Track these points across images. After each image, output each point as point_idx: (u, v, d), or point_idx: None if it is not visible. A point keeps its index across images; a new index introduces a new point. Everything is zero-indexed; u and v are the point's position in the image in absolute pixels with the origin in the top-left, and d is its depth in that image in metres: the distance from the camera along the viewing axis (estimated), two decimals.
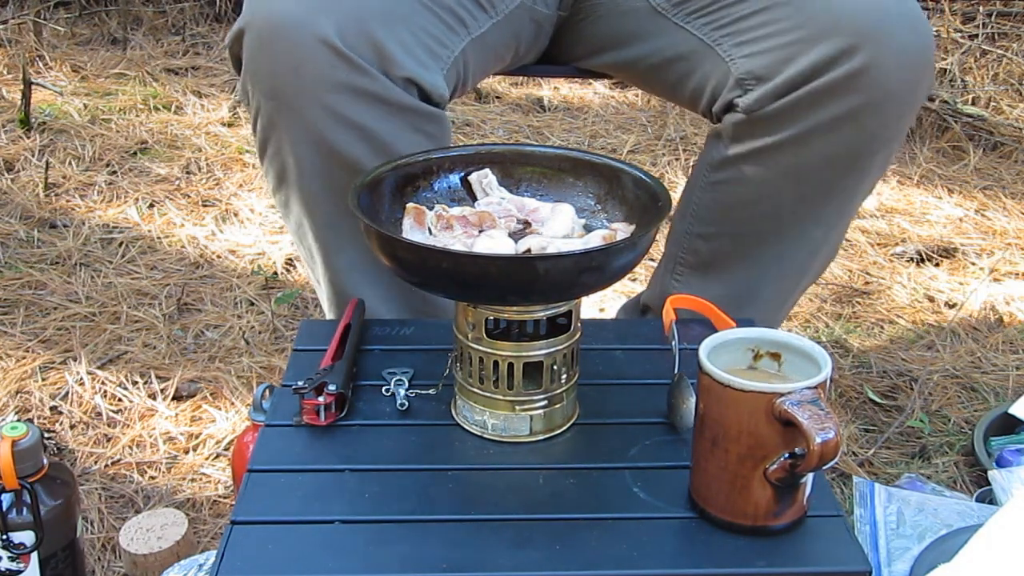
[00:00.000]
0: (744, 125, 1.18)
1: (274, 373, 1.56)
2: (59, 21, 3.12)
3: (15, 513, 1.01)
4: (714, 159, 1.24)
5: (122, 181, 2.20)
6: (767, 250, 1.26)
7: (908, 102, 1.14)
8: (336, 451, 0.90)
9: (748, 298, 1.28)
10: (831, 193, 1.20)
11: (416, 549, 0.78)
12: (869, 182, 1.22)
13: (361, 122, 1.08)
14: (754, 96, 1.15)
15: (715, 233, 1.28)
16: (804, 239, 1.25)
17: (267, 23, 1.06)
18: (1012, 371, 1.64)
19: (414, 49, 1.11)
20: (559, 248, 0.92)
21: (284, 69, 1.06)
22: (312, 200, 1.15)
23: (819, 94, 1.12)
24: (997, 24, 2.99)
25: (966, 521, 1.18)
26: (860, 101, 1.11)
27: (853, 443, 1.45)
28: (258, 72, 1.08)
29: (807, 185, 1.19)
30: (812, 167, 1.17)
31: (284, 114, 1.09)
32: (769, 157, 1.18)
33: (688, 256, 1.31)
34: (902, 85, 1.12)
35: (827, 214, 1.23)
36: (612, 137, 2.60)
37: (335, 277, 1.21)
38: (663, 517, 0.82)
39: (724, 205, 1.25)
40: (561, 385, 0.92)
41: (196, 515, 1.27)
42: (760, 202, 1.22)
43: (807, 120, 1.13)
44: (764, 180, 1.20)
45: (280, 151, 1.13)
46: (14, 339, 1.62)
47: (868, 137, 1.15)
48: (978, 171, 2.44)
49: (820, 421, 0.72)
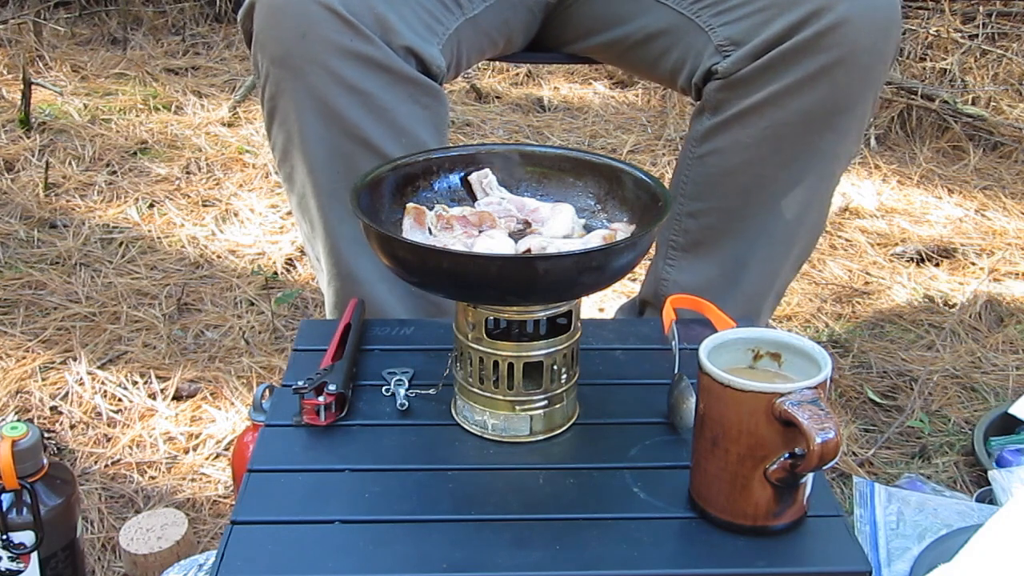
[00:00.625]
0: (723, 91, 1.23)
1: (274, 373, 1.56)
2: (59, 21, 3.12)
3: (15, 513, 1.01)
4: (698, 132, 1.29)
5: (122, 181, 2.20)
6: (753, 222, 1.29)
7: (877, 57, 1.19)
8: (336, 451, 0.90)
9: (739, 273, 1.31)
10: (811, 154, 1.24)
11: (416, 549, 0.78)
12: (847, 144, 1.26)
13: (364, 87, 1.13)
14: (731, 59, 1.21)
15: (703, 209, 1.31)
16: (788, 206, 1.27)
17: None
18: (1012, 371, 1.64)
19: (412, 22, 1.16)
20: (559, 248, 0.92)
21: (291, 35, 1.11)
22: (316, 168, 1.18)
23: (793, 52, 1.17)
24: (997, 24, 2.99)
25: (966, 521, 1.18)
26: (831, 58, 1.16)
27: (853, 443, 1.45)
28: (267, 40, 1.13)
29: (787, 146, 1.23)
30: (790, 127, 1.21)
31: (290, 79, 1.13)
32: (748, 120, 1.23)
33: (678, 237, 1.34)
34: (870, 41, 1.17)
35: (807, 175, 1.25)
36: (612, 137, 2.59)
37: (335, 246, 1.22)
38: (663, 517, 0.82)
39: (710, 177, 1.29)
40: (561, 385, 0.92)
41: (196, 515, 1.27)
42: (743, 170, 1.26)
43: (782, 79, 1.18)
44: (745, 145, 1.24)
45: (286, 119, 1.16)
46: (14, 339, 1.62)
47: (841, 93, 1.19)
48: (978, 171, 2.44)
49: (820, 421, 0.72)
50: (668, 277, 1.35)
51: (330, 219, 1.21)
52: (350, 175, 1.16)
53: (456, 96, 2.80)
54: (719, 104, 1.25)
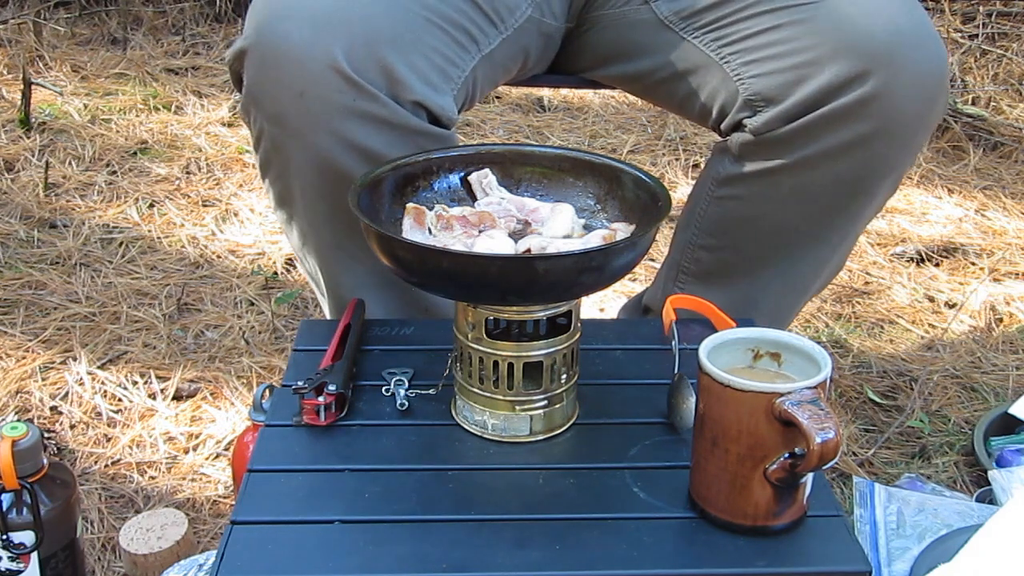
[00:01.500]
0: (752, 146, 1.16)
1: (274, 373, 1.56)
2: (59, 21, 3.12)
3: (15, 513, 1.01)
4: (719, 175, 1.23)
5: (122, 181, 2.20)
6: (770, 266, 1.25)
7: (920, 128, 1.12)
8: (336, 451, 0.90)
9: (748, 310, 1.27)
10: (837, 215, 1.19)
11: (416, 549, 0.78)
12: (876, 205, 1.21)
13: (369, 146, 1.06)
14: (763, 119, 1.13)
15: (718, 245, 1.27)
16: (808, 258, 1.24)
17: (272, 45, 1.03)
18: (1012, 371, 1.64)
19: (425, 72, 1.09)
20: (559, 248, 0.92)
21: (289, 94, 1.03)
22: (318, 222, 1.13)
23: (830, 119, 1.09)
24: (997, 24, 2.99)
25: (966, 521, 1.18)
26: (871, 127, 1.09)
27: (853, 443, 1.45)
28: (262, 96, 1.06)
29: (813, 207, 1.18)
30: (819, 189, 1.15)
31: (289, 140, 1.06)
32: (776, 178, 1.16)
33: (691, 265, 1.30)
34: (915, 111, 1.10)
35: (832, 235, 1.22)
36: (612, 137, 2.59)
37: (341, 294, 1.19)
38: (663, 517, 0.82)
39: (728, 220, 1.24)
40: (561, 385, 0.92)
41: (196, 515, 1.27)
42: (764, 219, 1.21)
43: (817, 144, 1.12)
44: (769, 199, 1.19)
45: (284, 174, 1.11)
46: (14, 339, 1.62)
47: (878, 162, 1.13)
48: (978, 171, 2.44)
49: (820, 421, 0.72)
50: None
51: (334, 268, 1.17)
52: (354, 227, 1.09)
53: None
54: (745, 155, 1.18)
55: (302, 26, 1.03)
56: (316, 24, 1.03)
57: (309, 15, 1.03)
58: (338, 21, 1.04)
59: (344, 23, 1.04)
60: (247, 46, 1.05)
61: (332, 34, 1.03)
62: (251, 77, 1.06)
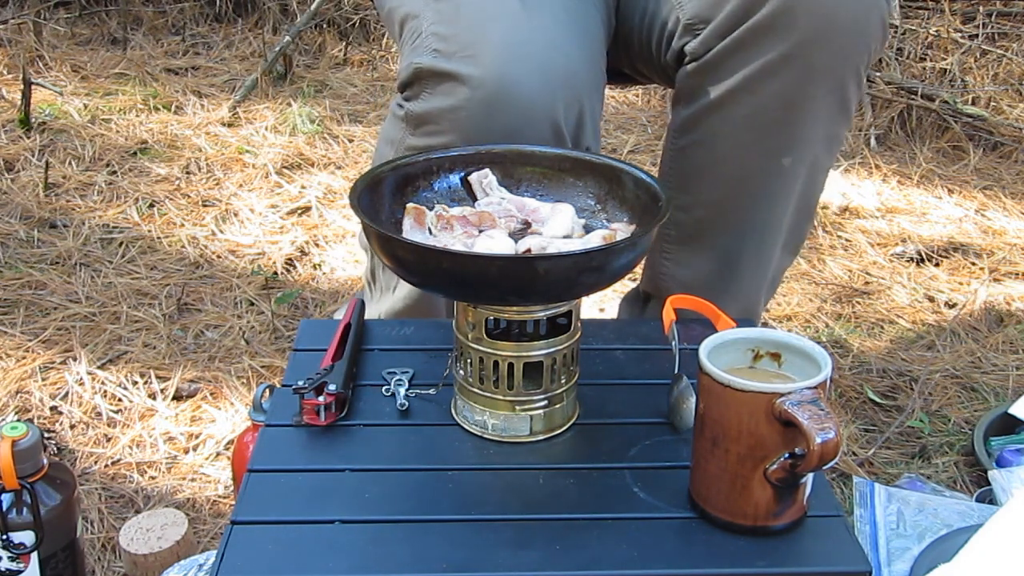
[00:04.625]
0: (695, 76, 1.19)
1: (274, 373, 1.56)
2: (59, 21, 3.11)
3: (15, 513, 1.01)
4: (676, 123, 1.26)
5: (122, 181, 2.20)
6: (740, 214, 1.26)
7: (858, 34, 1.13)
8: (336, 451, 0.90)
9: (733, 265, 1.29)
10: (792, 141, 1.19)
11: (416, 549, 0.78)
12: (832, 127, 1.20)
13: None
14: (700, 39, 1.16)
15: (690, 202, 1.29)
16: (773, 195, 1.25)
17: (500, 86, 1.04)
18: (1012, 371, 1.64)
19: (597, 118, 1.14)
20: (559, 248, 0.92)
21: (499, 137, 1.04)
22: None
23: (761, 29, 1.11)
24: (997, 24, 2.99)
25: (966, 521, 1.18)
26: (804, 35, 1.10)
27: (853, 443, 1.45)
28: (472, 133, 1.06)
29: (766, 134, 1.19)
30: (767, 113, 1.17)
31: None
32: (724, 109, 1.18)
33: (671, 230, 1.32)
34: (850, 15, 1.11)
35: (793, 165, 1.22)
36: (612, 137, 2.59)
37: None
38: (663, 517, 0.82)
39: (693, 169, 1.27)
40: (561, 385, 0.92)
41: (196, 515, 1.27)
42: (724, 160, 1.23)
43: (753, 60, 1.13)
44: (725, 135, 1.20)
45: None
46: (14, 339, 1.62)
47: (820, 74, 1.13)
48: (978, 171, 2.44)
49: (820, 421, 0.72)
50: (666, 271, 1.34)
51: None
52: None
53: None
54: (693, 92, 1.20)
55: (532, 76, 1.05)
56: (545, 76, 1.05)
57: (538, 65, 1.05)
58: (562, 71, 1.06)
59: (565, 75, 1.07)
60: (470, 76, 1.04)
61: (559, 86, 1.06)
62: (471, 112, 1.05)
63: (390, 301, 1.31)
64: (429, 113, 1.10)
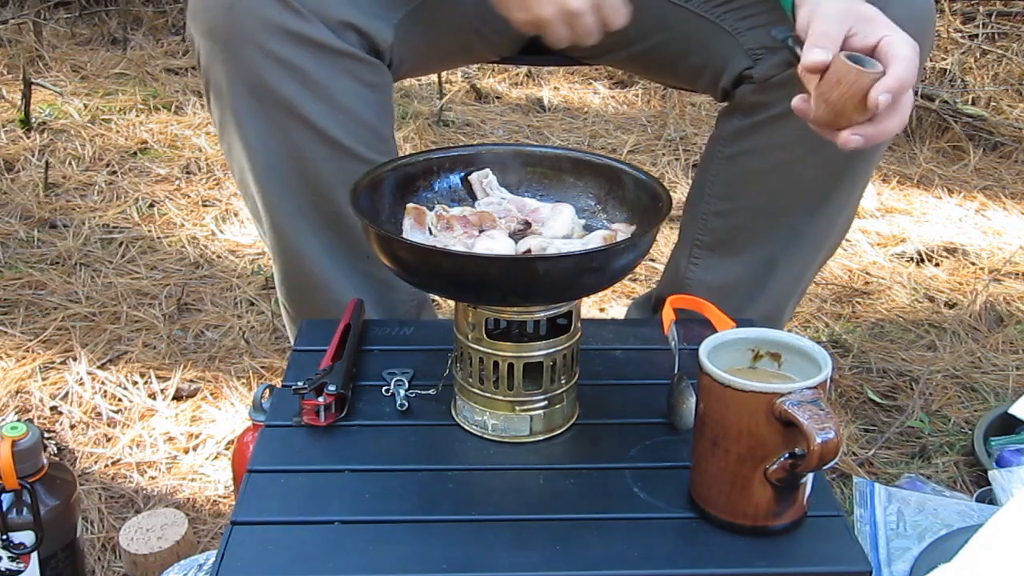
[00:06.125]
0: (758, 94, 1.19)
1: (274, 373, 1.56)
2: (59, 21, 3.12)
3: (15, 513, 1.01)
4: (728, 132, 1.25)
5: (122, 181, 2.20)
6: (785, 222, 1.26)
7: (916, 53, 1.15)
8: (336, 451, 0.90)
9: (768, 273, 1.29)
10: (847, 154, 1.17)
11: (416, 549, 0.78)
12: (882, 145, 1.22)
13: (296, 62, 1.07)
14: (766, 65, 1.16)
15: (732, 209, 1.28)
16: (821, 207, 1.24)
17: None
18: (1012, 371, 1.64)
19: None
20: (559, 249, 0.92)
21: (219, 7, 1.06)
22: (251, 142, 1.14)
23: None
24: (997, 24, 2.99)
25: (966, 521, 1.18)
26: None
27: (853, 443, 1.45)
28: (196, 11, 1.09)
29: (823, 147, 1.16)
30: None
31: (219, 52, 1.08)
32: (782, 122, 1.18)
33: (704, 236, 1.31)
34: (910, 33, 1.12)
35: (842, 178, 1.22)
36: (612, 137, 2.59)
37: (275, 222, 1.18)
38: (663, 517, 0.82)
39: (741, 177, 1.26)
40: (561, 385, 0.91)
41: (196, 515, 1.27)
42: (776, 171, 1.23)
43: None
44: (781, 147, 1.20)
45: (220, 93, 1.12)
46: (14, 339, 1.62)
47: None
48: (978, 171, 2.44)
49: (820, 421, 0.72)
50: (692, 276, 1.32)
51: (269, 195, 1.17)
52: (287, 151, 1.12)
53: (456, 96, 2.80)
54: (753, 107, 1.20)
55: None
56: None
57: None
58: None
59: None
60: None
61: None
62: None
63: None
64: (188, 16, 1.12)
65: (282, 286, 1.26)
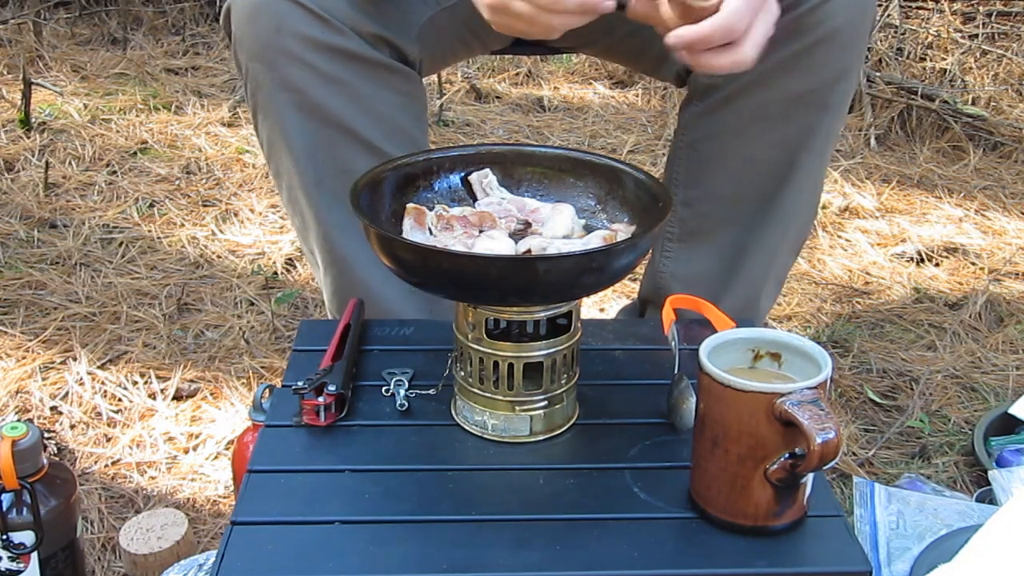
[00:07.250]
0: (707, 76, 1.23)
1: (274, 373, 1.56)
2: (59, 21, 3.12)
3: (15, 513, 1.01)
4: (687, 120, 1.30)
5: (122, 181, 2.20)
6: (748, 206, 1.29)
7: (856, 34, 1.21)
8: (336, 451, 0.90)
9: (738, 260, 1.31)
10: (799, 132, 1.24)
11: (416, 549, 0.78)
12: (834, 121, 1.26)
13: (340, 77, 1.15)
14: None
15: (697, 197, 1.32)
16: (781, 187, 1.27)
17: None
18: (1012, 371, 1.64)
19: (386, 10, 1.18)
20: (559, 249, 0.92)
21: (266, 31, 1.14)
22: (300, 158, 1.19)
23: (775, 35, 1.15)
24: (997, 24, 2.99)
25: (966, 521, 1.18)
26: (813, 37, 1.18)
27: (853, 443, 1.45)
28: (243, 38, 1.16)
29: (775, 125, 1.24)
30: (777, 106, 1.22)
31: (267, 72, 1.15)
32: (735, 102, 1.23)
33: (674, 228, 1.34)
34: (848, 18, 1.19)
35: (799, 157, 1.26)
36: (612, 137, 2.59)
37: (327, 235, 1.23)
38: (663, 517, 0.82)
39: (702, 164, 1.30)
40: (561, 385, 0.92)
41: (196, 515, 1.27)
42: (734, 153, 1.27)
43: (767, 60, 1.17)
44: (734, 128, 1.25)
45: (268, 113, 1.18)
46: (14, 339, 1.62)
47: (825, 70, 1.21)
48: (978, 171, 2.44)
49: (820, 421, 0.72)
50: (665, 270, 1.36)
51: (319, 208, 1.22)
52: (334, 163, 1.18)
53: (456, 96, 2.80)
54: (706, 90, 1.26)
55: None
56: None
57: None
58: None
59: None
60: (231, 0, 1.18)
61: None
62: (236, 24, 1.17)
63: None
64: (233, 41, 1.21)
65: (333, 298, 1.30)
